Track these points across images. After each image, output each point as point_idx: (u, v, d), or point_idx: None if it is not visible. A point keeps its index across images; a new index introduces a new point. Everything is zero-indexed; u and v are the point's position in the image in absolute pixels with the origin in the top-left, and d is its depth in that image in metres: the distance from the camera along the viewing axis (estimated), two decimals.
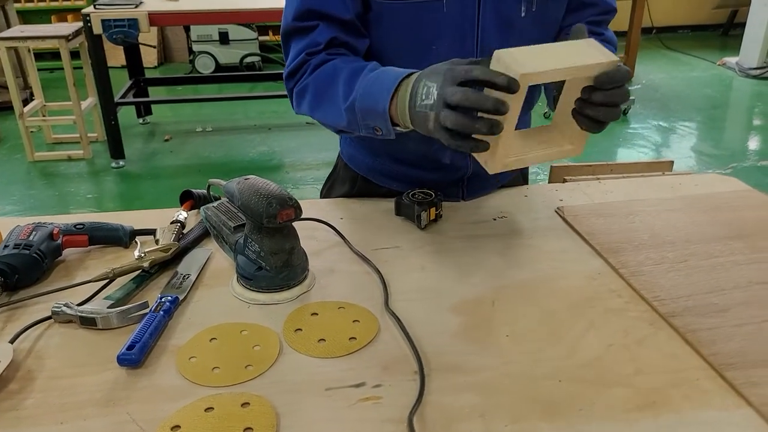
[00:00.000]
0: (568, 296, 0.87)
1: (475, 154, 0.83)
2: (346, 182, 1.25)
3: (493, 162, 0.83)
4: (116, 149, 3.68)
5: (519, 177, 1.27)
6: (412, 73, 0.85)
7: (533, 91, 1.12)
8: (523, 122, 1.19)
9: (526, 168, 1.30)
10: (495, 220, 1.09)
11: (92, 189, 3.45)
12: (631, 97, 4.57)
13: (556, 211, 1.12)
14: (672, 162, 1.54)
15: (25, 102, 3.86)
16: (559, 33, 1.08)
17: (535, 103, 1.21)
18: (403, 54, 1.00)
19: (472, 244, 1.01)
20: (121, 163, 3.70)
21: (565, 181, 1.37)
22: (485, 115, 0.75)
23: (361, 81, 0.90)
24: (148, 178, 3.56)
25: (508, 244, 1.01)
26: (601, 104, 0.82)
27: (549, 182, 1.44)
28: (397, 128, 0.89)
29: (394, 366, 0.74)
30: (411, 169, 1.15)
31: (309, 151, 3.91)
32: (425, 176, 1.13)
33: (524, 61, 0.75)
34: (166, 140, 4.11)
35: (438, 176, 1.13)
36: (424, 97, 0.79)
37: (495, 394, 0.70)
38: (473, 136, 0.77)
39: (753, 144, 4.11)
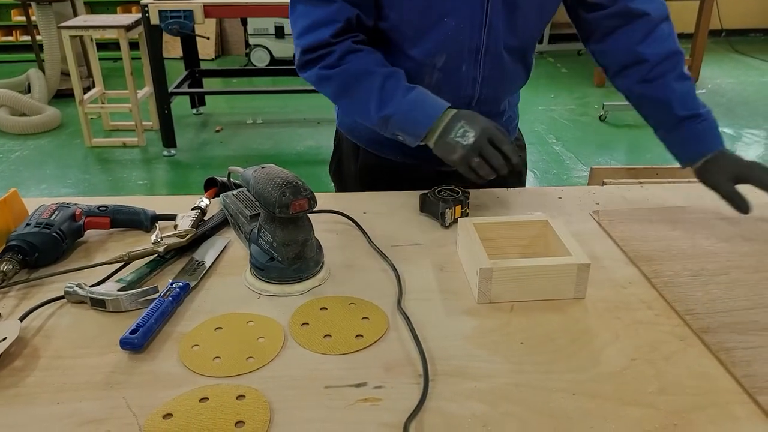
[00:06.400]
0: (593, 305, 0.82)
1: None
2: (351, 157, 1.25)
3: None
4: (168, 138, 3.77)
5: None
6: (449, 108, 0.99)
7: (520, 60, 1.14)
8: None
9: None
10: None
11: (144, 176, 3.54)
12: None
13: (590, 215, 1.06)
14: None
15: (87, 90, 4.00)
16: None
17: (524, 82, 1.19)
18: (417, 26, 1.03)
19: None
20: (173, 151, 3.79)
21: (604, 183, 1.30)
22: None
23: (399, 99, 0.99)
24: (197, 168, 3.63)
25: None
26: None
27: (588, 184, 1.38)
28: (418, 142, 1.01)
29: (399, 367, 0.71)
30: None
31: None
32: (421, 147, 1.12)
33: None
34: (217, 131, 4.19)
35: None
36: (459, 136, 0.96)
37: (502, 403, 0.65)
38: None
39: None
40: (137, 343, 0.72)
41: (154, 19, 3.38)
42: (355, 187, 1.26)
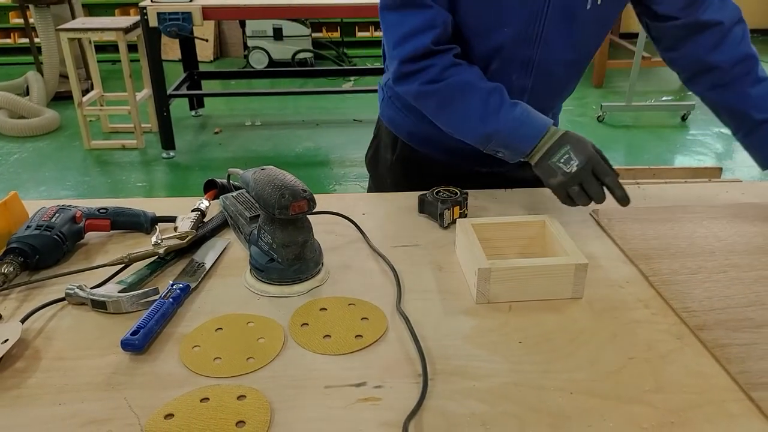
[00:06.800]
0: (591, 304, 0.83)
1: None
2: (389, 147, 1.25)
3: None
4: (167, 140, 3.77)
5: None
6: (552, 126, 0.99)
7: (567, 81, 1.14)
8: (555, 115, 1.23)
9: None
10: None
11: (143, 178, 3.55)
12: (691, 102, 4.38)
13: (590, 214, 1.07)
14: (720, 169, 1.45)
15: (86, 92, 4.00)
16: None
17: (567, 95, 1.18)
18: (473, 33, 1.02)
19: None
20: (172, 153, 3.79)
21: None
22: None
23: (504, 115, 0.98)
24: (196, 170, 3.63)
25: None
26: None
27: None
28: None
29: (398, 367, 0.71)
30: (451, 137, 1.13)
31: (354, 148, 3.91)
32: (464, 144, 1.10)
33: None
34: (216, 133, 4.19)
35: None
36: (562, 162, 0.95)
37: (500, 402, 0.66)
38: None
39: None
40: (138, 344, 0.72)
41: (153, 22, 3.39)
42: (389, 177, 1.27)
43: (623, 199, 0.95)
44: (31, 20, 4.48)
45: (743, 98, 1.06)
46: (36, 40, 4.54)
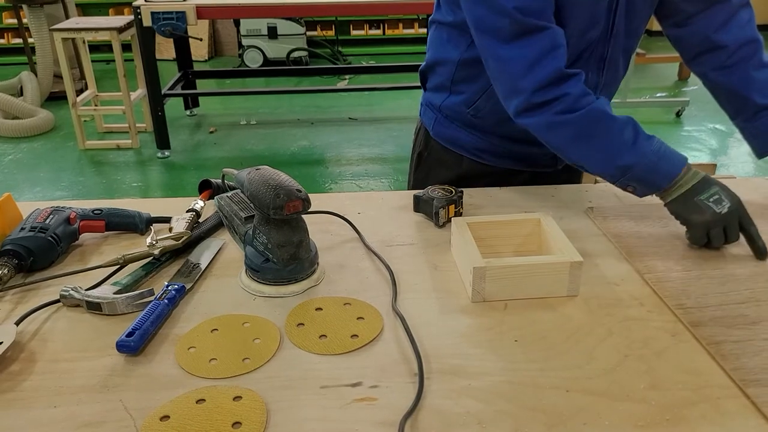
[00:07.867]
0: (586, 302, 0.83)
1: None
2: (448, 165, 1.23)
3: None
4: (162, 140, 3.76)
5: None
6: (689, 164, 0.96)
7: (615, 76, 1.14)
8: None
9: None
10: None
11: (138, 178, 3.54)
12: (685, 99, 4.39)
13: (585, 212, 1.07)
14: (714, 165, 1.45)
15: (80, 92, 3.99)
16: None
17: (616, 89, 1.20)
18: (575, 33, 1.01)
19: None
20: (167, 153, 3.78)
21: (597, 182, 1.31)
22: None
23: (641, 149, 0.94)
24: (191, 169, 3.63)
25: None
26: None
27: (581, 182, 1.39)
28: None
29: (394, 366, 0.71)
30: (517, 144, 1.15)
31: (349, 147, 3.91)
32: (529, 150, 1.11)
33: None
34: (211, 132, 4.18)
35: (542, 149, 1.09)
36: (712, 201, 0.93)
37: (496, 401, 0.66)
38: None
39: None
40: (133, 345, 0.72)
41: (147, 21, 3.38)
42: None
43: (763, 252, 0.92)
44: (25, 20, 4.45)
45: (747, 81, 1.07)
46: (30, 40, 4.53)
